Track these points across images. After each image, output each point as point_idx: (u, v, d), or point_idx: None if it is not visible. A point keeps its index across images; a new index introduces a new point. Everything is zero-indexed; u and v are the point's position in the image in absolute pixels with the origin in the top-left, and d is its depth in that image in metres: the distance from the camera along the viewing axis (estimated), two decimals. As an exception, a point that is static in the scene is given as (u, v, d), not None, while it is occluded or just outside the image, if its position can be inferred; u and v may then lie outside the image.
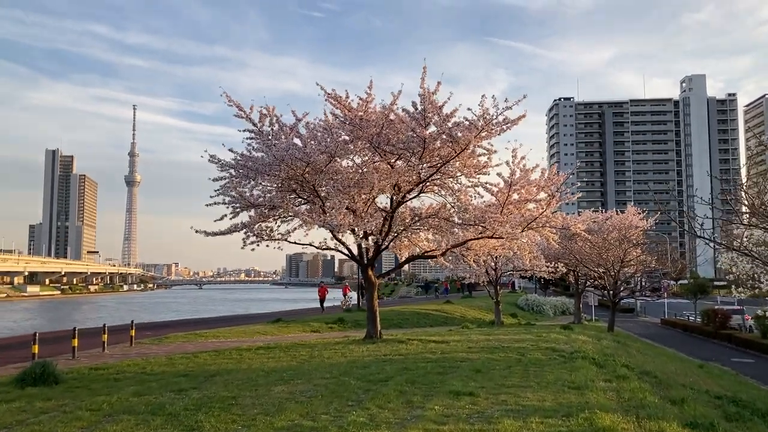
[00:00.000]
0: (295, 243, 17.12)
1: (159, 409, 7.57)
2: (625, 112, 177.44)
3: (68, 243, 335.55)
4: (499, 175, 16.32)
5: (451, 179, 16.72)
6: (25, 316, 79.90)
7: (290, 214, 16.04)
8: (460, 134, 14.55)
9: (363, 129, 14.89)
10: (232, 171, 15.87)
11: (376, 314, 17.38)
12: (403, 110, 14.86)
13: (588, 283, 38.19)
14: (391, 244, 17.70)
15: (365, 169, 15.80)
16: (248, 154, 15.75)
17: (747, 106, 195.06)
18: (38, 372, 9.83)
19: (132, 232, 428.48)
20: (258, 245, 16.65)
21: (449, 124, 14.61)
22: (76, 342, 14.35)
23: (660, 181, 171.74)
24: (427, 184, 16.41)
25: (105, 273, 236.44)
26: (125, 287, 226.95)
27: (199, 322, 30.58)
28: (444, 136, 14.78)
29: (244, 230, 16.13)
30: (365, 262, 17.63)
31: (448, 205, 16.81)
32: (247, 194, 15.69)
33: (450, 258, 18.92)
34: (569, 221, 17.59)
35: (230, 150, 15.87)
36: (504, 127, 14.78)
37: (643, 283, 35.33)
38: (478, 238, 17.01)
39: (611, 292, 33.28)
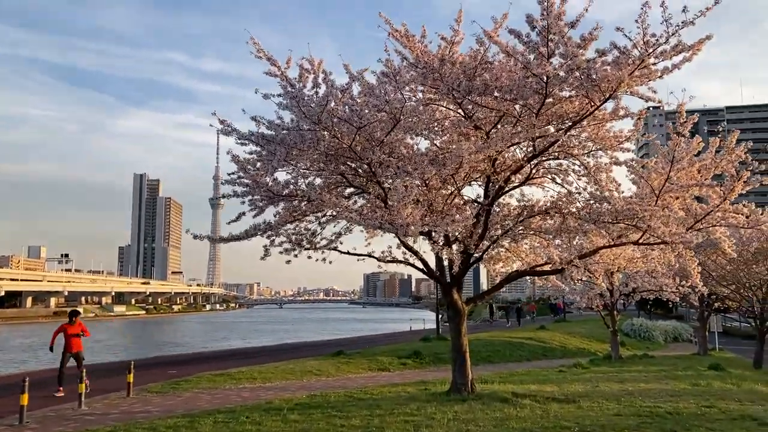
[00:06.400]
0: (347, 254, 11.88)
1: None
2: (720, 120, 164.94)
3: (154, 264, 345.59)
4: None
5: (571, 157, 11.24)
6: (106, 337, 78.61)
7: (333, 209, 10.66)
8: (608, 69, 8.90)
9: (445, 76, 9.59)
10: (252, 147, 10.76)
11: (466, 357, 11.81)
12: (511, 32, 8.98)
13: (715, 305, 31.87)
14: (486, 254, 12.14)
15: (447, 142, 10.48)
16: (275, 121, 10.56)
17: None
18: None
19: (216, 254, 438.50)
20: (296, 256, 11.57)
21: (583, 57, 8.78)
22: (25, 400, 9.72)
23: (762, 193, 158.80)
24: (542, 162, 10.95)
25: (188, 293, 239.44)
26: (208, 307, 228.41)
27: (246, 353, 26.02)
28: (578, 76, 8.96)
29: (268, 233, 11.04)
30: (447, 279, 12.18)
31: (575, 195, 11.14)
32: (268, 180, 10.47)
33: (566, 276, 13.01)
34: (760, 218, 11.44)
35: (253, 119, 10.69)
36: (672, 61, 9.03)
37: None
38: (617, 245, 11.32)
39: (758, 319, 26.77)
